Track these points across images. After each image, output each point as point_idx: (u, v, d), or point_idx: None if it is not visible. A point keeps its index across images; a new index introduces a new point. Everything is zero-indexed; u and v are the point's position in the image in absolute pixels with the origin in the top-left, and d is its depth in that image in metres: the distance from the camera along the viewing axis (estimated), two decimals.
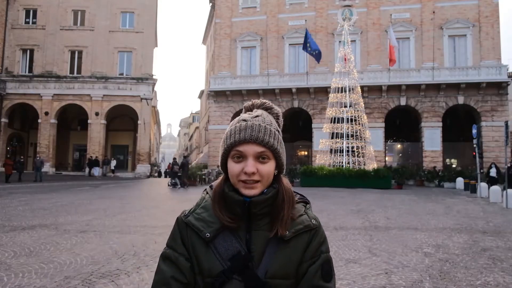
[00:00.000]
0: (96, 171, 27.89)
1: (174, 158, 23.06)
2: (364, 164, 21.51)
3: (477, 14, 26.56)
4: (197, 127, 58.88)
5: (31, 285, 3.82)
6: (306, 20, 28.78)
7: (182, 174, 19.76)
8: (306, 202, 1.11)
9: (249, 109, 1.13)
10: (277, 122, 1.10)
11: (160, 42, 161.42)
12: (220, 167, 1.10)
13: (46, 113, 29.31)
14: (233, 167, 1.01)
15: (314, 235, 1.04)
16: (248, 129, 1.01)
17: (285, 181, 1.08)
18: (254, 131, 1.00)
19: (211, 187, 1.12)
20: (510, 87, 25.88)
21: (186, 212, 1.09)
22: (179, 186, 19.18)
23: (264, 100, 1.14)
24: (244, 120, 1.04)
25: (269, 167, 1.01)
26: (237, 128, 1.03)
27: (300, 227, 1.03)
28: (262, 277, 0.97)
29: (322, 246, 1.05)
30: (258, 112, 1.08)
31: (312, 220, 1.06)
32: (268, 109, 1.12)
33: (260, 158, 1.00)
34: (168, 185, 19.96)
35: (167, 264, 1.03)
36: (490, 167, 20.26)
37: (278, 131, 1.06)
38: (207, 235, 1.01)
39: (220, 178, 1.10)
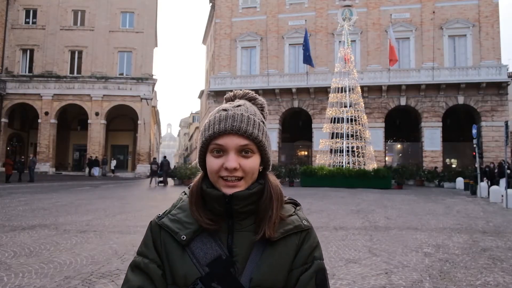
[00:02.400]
0: (96, 171, 27.91)
1: (154, 158, 24.89)
2: (364, 164, 21.50)
3: (477, 14, 26.57)
4: (197, 127, 58.93)
5: (31, 285, 3.82)
6: (306, 20, 28.80)
7: (162, 172, 21.53)
8: (296, 204, 0.99)
9: (230, 99, 1.00)
10: (261, 114, 0.99)
11: (160, 42, 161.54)
12: (198, 164, 0.97)
13: (46, 113, 29.31)
14: (212, 162, 0.89)
15: (305, 237, 0.92)
16: (229, 119, 0.88)
17: (272, 177, 0.97)
18: (236, 121, 0.88)
19: (189, 188, 1.00)
20: (510, 87, 25.89)
21: (161, 214, 0.96)
22: (155, 184, 20.87)
23: (247, 91, 1.02)
24: (225, 110, 0.91)
25: (253, 162, 0.89)
26: (216, 118, 0.90)
27: (289, 227, 0.91)
28: (246, 285, 0.85)
29: (315, 251, 0.92)
30: (241, 102, 0.96)
31: (303, 221, 0.94)
32: (251, 100, 0.99)
33: (242, 152, 0.88)
34: (158, 183, 21.34)
35: (135, 273, 0.90)
36: (485, 170, 20.28)
37: (263, 122, 0.94)
38: (183, 237, 0.88)
39: (198, 176, 0.97)
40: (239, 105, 0.93)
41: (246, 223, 0.91)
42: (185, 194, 0.99)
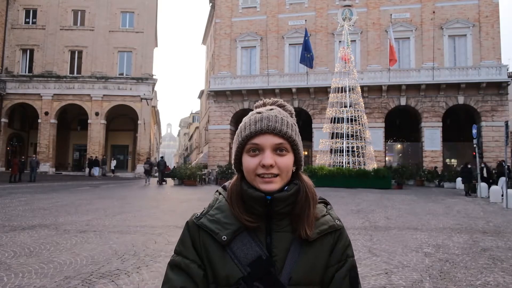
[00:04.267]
0: (96, 171, 27.92)
1: (148, 158, 26.52)
2: (364, 164, 21.51)
3: (477, 14, 26.57)
4: (197, 127, 58.90)
5: (31, 285, 3.82)
6: (306, 20, 28.79)
7: (158, 172, 22.76)
8: (326, 203, 1.04)
9: (261, 107, 1.06)
10: None
11: (160, 42, 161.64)
12: (233, 166, 1.02)
13: (46, 113, 29.32)
14: (249, 161, 0.93)
15: (339, 237, 0.98)
16: (264, 120, 0.94)
17: (306, 177, 1.02)
18: (271, 122, 0.93)
19: (224, 187, 1.04)
20: (510, 87, 25.88)
21: (198, 214, 0.98)
22: (147, 183, 21.97)
23: (276, 99, 1.07)
24: (259, 113, 0.97)
25: (287, 160, 0.94)
26: (251, 120, 0.96)
27: (325, 227, 0.96)
28: (285, 284, 0.89)
29: (348, 249, 0.98)
30: (272, 107, 1.02)
31: (336, 220, 0.99)
32: (281, 107, 1.05)
33: (277, 150, 0.93)
34: (157, 182, 22.65)
35: (176, 273, 0.93)
36: (482, 169, 20.25)
37: (295, 124, 1.00)
38: (224, 238, 0.91)
39: (235, 177, 1.01)
40: (272, 109, 0.99)
41: (283, 223, 0.94)
42: (220, 194, 1.02)
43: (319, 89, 27.27)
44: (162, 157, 25.21)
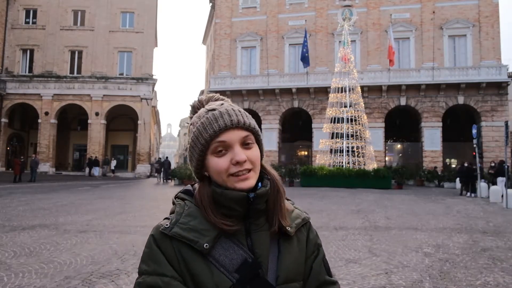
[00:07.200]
0: (96, 171, 27.93)
1: (160, 158, 28.89)
2: (364, 164, 21.50)
3: (477, 14, 26.56)
4: None
5: (31, 285, 3.82)
6: (306, 20, 28.80)
7: (162, 171, 25.07)
8: (287, 198, 1.00)
9: (198, 107, 0.97)
10: None
11: (160, 42, 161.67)
12: (194, 174, 0.93)
13: (46, 113, 29.32)
14: (218, 162, 0.85)
15: (309, 228, 0.98)
16: (225, 115, 0.86)
17: (270, 168, 0.96)
18: (232, 116, 0.86)
19: (186, 192, 0.95)
20: (510, 87, 25.87)
21: (168, 224, 0.85)
22: (159, 181, 24.54)
23: (210, 94, 1.00)
24: (213, 109, 0.89)
25: (256, 152, 0.89)
26: (210, 118, 0.86)
27: (299, 220, 0.95)
28: (274, 283, 0.85)
29: (317, 239, 0.99)
30: (222, 102, 0.95)
31: (304, 213, 0.99)
32: (218, 101, 0.98)
33: (244, 144, 0.87)
34: (163, 180, 24.73)
35: None
36: (481, 168, 20.25)
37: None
38: (206, 245, 0.82)
39: (199, 185, 0.92)
40: (222, 103, 0.92)
41: (260, 222, 0.90)
42: (183, 200, 0.93)
43: (319, 89, 27.26)
44: (167, 158, 27.16)
